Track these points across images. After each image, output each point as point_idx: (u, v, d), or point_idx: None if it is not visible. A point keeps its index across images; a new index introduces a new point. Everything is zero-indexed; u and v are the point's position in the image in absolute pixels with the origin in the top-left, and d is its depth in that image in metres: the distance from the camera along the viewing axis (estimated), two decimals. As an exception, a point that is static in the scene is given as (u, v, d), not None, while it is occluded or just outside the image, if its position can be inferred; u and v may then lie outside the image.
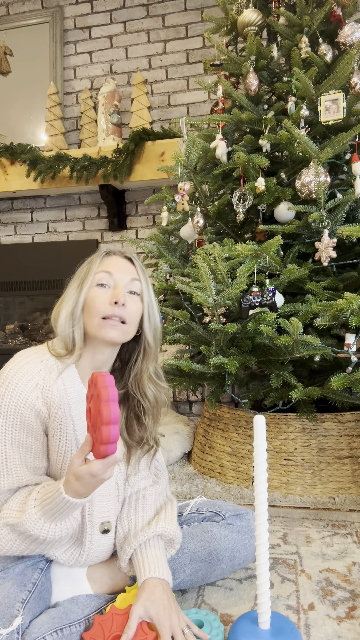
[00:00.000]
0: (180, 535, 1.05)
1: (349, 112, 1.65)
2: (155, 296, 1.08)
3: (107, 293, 0.99)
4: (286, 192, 1.65)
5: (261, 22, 1.83)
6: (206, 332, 1.64)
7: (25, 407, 0.93)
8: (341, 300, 1.35)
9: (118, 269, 1.01)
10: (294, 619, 1.02)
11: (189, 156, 1.75)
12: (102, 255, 1.04)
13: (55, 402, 0.95)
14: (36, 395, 0.94)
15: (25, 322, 3.08)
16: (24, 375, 0.94)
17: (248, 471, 1.74)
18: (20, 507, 0.89)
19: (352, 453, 1.64)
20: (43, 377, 0.96)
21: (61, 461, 0.97)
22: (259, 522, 0.90)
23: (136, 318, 1.02)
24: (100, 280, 1.00)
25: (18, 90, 2.85)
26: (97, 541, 1.01)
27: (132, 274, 1.02)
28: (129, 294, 1.01)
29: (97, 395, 0.80)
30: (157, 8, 2.68)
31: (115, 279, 1.00)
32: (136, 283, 1.02)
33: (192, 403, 2.61)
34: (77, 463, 0.83)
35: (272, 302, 1.47)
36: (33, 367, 0.96)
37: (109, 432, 0.78)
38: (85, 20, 2.79)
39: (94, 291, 0.99)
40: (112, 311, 0.97)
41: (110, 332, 0.97)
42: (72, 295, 1.01)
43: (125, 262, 1.04)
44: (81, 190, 2.74)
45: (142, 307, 1.03)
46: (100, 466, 0.81)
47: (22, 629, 0.85)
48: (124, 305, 0.98)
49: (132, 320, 1.01)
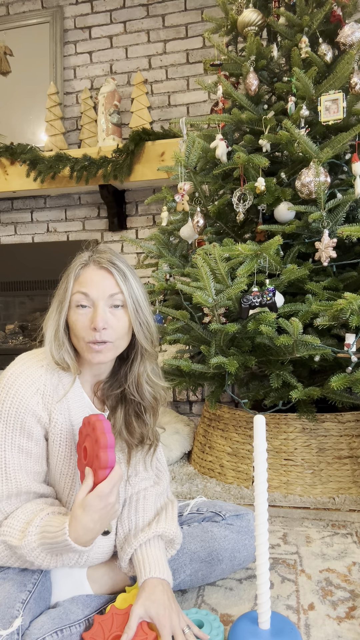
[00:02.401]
0: (181, 535, 1.05)
1: (349, 112, 1.65)
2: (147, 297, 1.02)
3: (87, 315, 0.94)
4: (286, 192, 1.65)
5: (261, 22, 1.83)
6: (206, 332, 1.64)
7: (26, 413, 0.93)
8: (341, 300, 1.35)
9: (94, 286, 0.94)
10: (294, 619, 1.02)
11: (189, 156, 1.75)
12: (77, 269, 0.97)
13: (55, 407, 0.95)
14: (37, 401, 0.94)
15: (25, 322, 3.08)
16: (24, 381, 0.94)
17: (248, 471, 1.74)
18: (23, 527, 0.89)
19: (352, 453, 1.64)
20: (44, 383, 0.95)
21: (60, 466, 0.97)
22: (259, 522, 0.90)
23: (123, 332, 0.97)
24: (78, 302, 0.95)
25: (18, 90, 2.85)
26: (98, 543, 1.00)
27: (111, 288, 0.95)
28: (112, 309, 0.95)
29: (95, 439, 0.86)
30: (157, 8, 2.68)
31: (93, 299, 0.94)
32: (117, 296, 0.95)
33: (192, 403, 2.61)
34: (82, 496, 0.85)
35: (272, 302, 1.47)
36: (34, 372, 0.95)
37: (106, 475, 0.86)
38: (85, 20, 2.79)
39: (74, 314, 0.95)
40: (93, 337, 0.93)
41: (97, 357, 0.95)
42: (54, 316, 0.97)
43: (102, 274, 0.96)
44: (81, 190, 2.74)
45: (128, 318, 0.97)
46: (107, 484, 0.84)
47: (22, 630, 0.85)
48: (106, 329, 0.93)
49: (119, 336, 0.97)
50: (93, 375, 1.03)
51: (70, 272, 0.97)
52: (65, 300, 0.96)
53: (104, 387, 1.06)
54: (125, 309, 0.97)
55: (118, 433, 1.03)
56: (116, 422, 1.04)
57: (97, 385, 1.05)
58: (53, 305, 0.98)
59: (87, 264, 0.97)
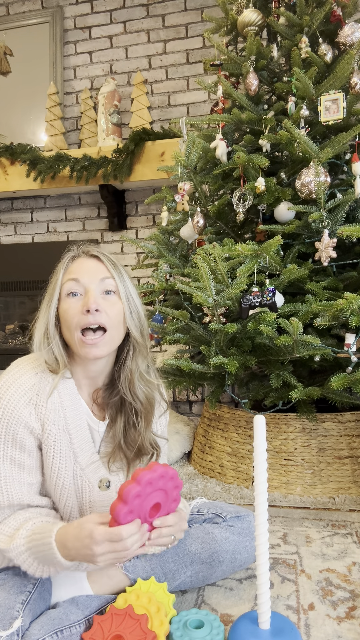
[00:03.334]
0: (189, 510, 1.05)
1: (349, 112, 1.65)
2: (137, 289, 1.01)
3: (79, 302, 0.92)
4: (286, 192, 1.65)
5: (261, 22, 1.83)
6: (206, 332, 1.64)
7: (18, 425, 0.91)
8: (341, 300, 1.35)
9: (84, 272, 0.94)
10: (294, 619, 1.02)
11: (189, 156, 1.75)
12: (66, 262, 0.97)
13: (49, 418, 0.92)
14: (29, 412, 0.91)
15: (25, 322, 3.08)
16: (16, 391, 0.91)
17: (248, 471, 1.74)
18: (13, 532, 0.89)
19: (352, 453, 1.64)
20: (37, 392, 0.92)
21: (55, 477, 0.95)
22: (259, 522, 0.90)
23: (118, 320, 0.95)
24: (70, 290, 0.93)
25: (18, 90, 2.85)
26: (97, 496, 0.99)
27: (102, 272, 0.95)
28: (104, 295, 0.94)
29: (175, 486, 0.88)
30: (157, 8, 2.67)
31: (84, 284, 0.93)
32: (108, 281, 0.95)
33: (192, 403, 2.61)
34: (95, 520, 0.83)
35: (272, 302, 1.47)
36: (26, 381, 0.93)
37: None
38: (85, 20, 2.79)
39: (65, 303, 0.93)
40: (86, 320, 0.91)
41: (92, 351, 0.92)
42: (44, 312, 0.95)
43: (92, 262, 0.96)
44: (81, 190, 2.74)
45: (121, 305, 0.96)
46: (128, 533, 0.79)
47: (22, 631, 0.85)
48: (99, 311, 0.91)
49: (114, 324, 0.94)
50: (89, 379, 1.00)
51: (59, 266, 0.97)
52: (55, 292, 0.94)
53: (104, 395, 1.03)
54: (117, 296, 0.96)
55: (118, 446, 1.00)
56: (115, 433, 1.01)
57: (96, 392, 1.03)
58: (42, 304, 0.97)
59: (76, 256, 0.98)
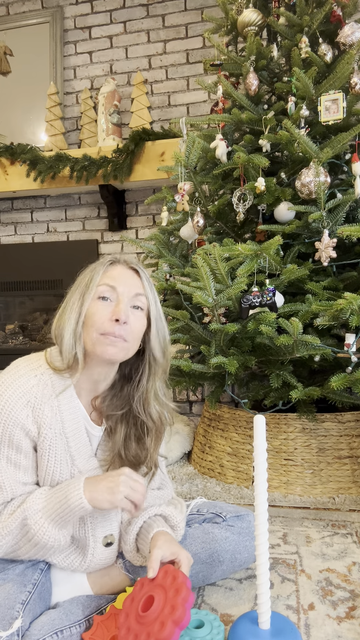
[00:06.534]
0: (184, 527, 1.05)
1: (349, 112, 1.65)
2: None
3: (109, 308, 0.93)
4: (286, 192, 1.65)
5: (261, 22, 1.83)
6: (206, 332, 1.64)
7: (15, 426, 0.90)
8: (341, 300, 1.35)
9: (122, 281, 0.95)
10: (294, 619, 1.02)
11: (189, 156, 1.75)
12: (106, 265, 0.97)
13: (46, 421, 0.92)
14: (26, 414, 0.91)
15: (25, 322, 3.08)
16: (15, 392, 0.91)
17: (248, 471, 1.74)
18: (14, 509, 0.89)
19: (352, 453, 1.64)
20: (35, 395, 0.92)
21: (49, 479, 0.94)
22: (259, 522, 0.90)
23: (139, 335, 0.96)
24: (103, 293, 0.93)
25: (18, 90, 2.85)
26: (100, 554, 1.00)
27: (137, 287, 0.96)
28: (133, 309, 0.95)
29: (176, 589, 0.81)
30: (157, 8, 2.67)
31: (119, 293, 0.93)
32: (141, 298, 0.96)
33: (192, 403, 2.61)
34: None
35: (272, 302, 1.47)
36: (26, 383, 0.92)
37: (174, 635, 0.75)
38: (85, 20, 2.79)
39: (94, 305, 0.93)
40: (112, 329, 0.91)
41: (109, 349, 0.92)
42: (75, 308, 0.94)
43: (130, 274, 0.97)
44: (81, 190, 2.74)
45: (145, 323, 0.97)
46: None
47: (22, 631, 0.85)
48: (126, 324, 0.92)
49: (134, 338, 0.95)
50: (91, 382, 0.99)
51: (98, 267, 0.97)
52: (89, 291, 0.94)
53: (108, 405, 1.02)
54: (143, 313, 0.97)
55: (117, 455, 1.00)
56: (115, 444, 1.00)
57: (95, 399, 1.02)
58: (73, 297, 0.95)
59: (115, 262, 0.99)
